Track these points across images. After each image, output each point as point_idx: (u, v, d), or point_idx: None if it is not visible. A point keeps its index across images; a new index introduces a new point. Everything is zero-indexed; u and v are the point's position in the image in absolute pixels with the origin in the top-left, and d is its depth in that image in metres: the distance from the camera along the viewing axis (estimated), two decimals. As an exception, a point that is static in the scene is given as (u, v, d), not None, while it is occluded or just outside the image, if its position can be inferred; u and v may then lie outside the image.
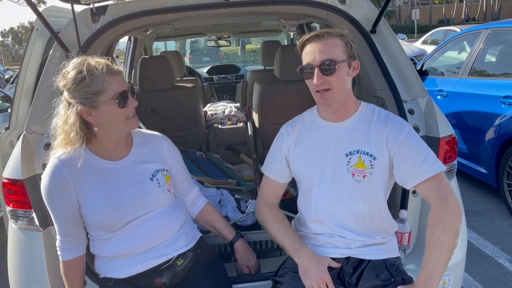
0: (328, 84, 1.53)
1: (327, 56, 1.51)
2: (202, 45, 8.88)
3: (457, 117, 4.45)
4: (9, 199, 1.80)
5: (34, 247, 1.80)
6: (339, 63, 1.52)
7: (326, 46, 1.53)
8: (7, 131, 2.36)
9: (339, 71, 1.52)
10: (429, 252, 1.44)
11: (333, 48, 1.53)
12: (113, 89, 1.46)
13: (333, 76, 1.52)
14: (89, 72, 1.43)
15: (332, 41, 1.54)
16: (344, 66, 1.54)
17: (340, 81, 1.54)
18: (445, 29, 13.53)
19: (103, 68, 1.45)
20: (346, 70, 1.55)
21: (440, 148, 1.91)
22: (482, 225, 3.74)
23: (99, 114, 1.48)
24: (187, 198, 1.86)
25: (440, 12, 40.79)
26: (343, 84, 1.55)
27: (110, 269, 1.62)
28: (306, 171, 1.67)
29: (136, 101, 1.54)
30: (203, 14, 2.14)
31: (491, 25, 4.66)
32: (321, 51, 1.53)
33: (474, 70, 4.46)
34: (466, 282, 2.89)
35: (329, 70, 1.51)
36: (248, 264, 1.86)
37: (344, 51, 1.54)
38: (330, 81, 1.52)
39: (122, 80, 1.52)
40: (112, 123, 1.51)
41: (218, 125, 3.60)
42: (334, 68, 1.51)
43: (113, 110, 1.48)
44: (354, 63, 1.57)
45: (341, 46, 1.54)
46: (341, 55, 1.53)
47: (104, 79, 1.45)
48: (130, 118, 1.53)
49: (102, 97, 1.45)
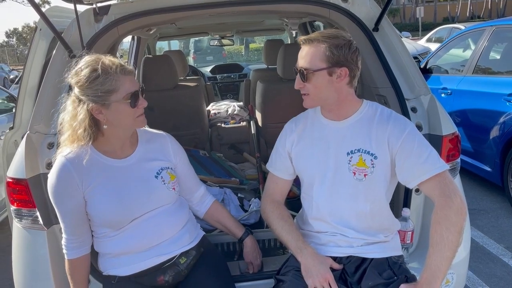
0: (306, 89, 1.58)
1: (305, 64, 1.55)
2: (205, 44, 8.90)
3: (461, 115, 4.43)
4: (13, 198, 1.81)
5: (38, 246, 1.81)
6: (312, 72, 1.53)
7: (308, 53, 1.55)
8: (12, 131, 2.38)
9: (315, 79, 1.54)
10: (432, 250, 1.43)
11: (312, 56, 1.53)
12: (126, 89, 1.48)
13: (309, 83, 1.55)
14: (104, 70, 1.45)
15: (314, 49, 1.53)
16: (321, 75, 1.53)
17: (316, 88, 1.55)
18: (449, 26, 13.48)
19: (117, 68, 1.47)
20: (326, 78, 1.53)
21: (443, 146, 1.91)
22: (486, 224, 3.73)
23: (109, 113, 1.49)
24: (194, 197, 1.87)
25: (445, 9, 40.58)
26: (322, 91, 1.55)
27: (114, 266, 1.63)
28: (308, 168, 1.68)
29: (145, 101, 1.56)
30: (205, 13, 2.14)
31: (495, 22, 4.64)
32: (303, 57, 1.56)
33: (478, 68, 4.44)
34: (470, 281, 2.89)
35: (305, 77, 1.55)
36: (254, 261, 1.87)
37: (324, 60, 1.51)
38: (307, 87, 1.56)
39: (134, 80, 1.54)
40: (121, 121, 1.53)
41: (221, 124, 3.60)
42: (309, 77, 1.54)
43: (124, 109, 1.50)
44: (339, 70, 1.52)
45: (321, 54, 1.51)
46: (319, 63, 1.52)
47: (118, 79, 1.47)
48: (139, 117, 1.55)
49: (115, 96, 1.47)
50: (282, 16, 3.50)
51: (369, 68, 2.11)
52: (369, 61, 2.08)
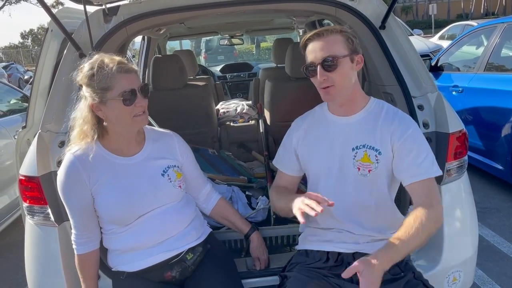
0: (331, 80, 1.56)
1: (328, 52, 1.54)
2: (216, 44, 8.92)
3: (472, 113, 4.38)
4: (26, 195, 1.85)
5: (50, 242, 1.85)
6: (340, 58, 1.54)
7: (326, 43, 1.55)
8: (24, 130, 2.43)
9: (341, 67, 1.54)
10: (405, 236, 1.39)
11: (333, 44, 1.55)
12: (121, 87, 1.50)
13: (336, 71, 1.54)
14: (99, 68, 1.49)
15: (332, 38, 1.56)
16: (346, 61, 1.55)
17: (343, 76, 1.56)
18: (462, 23, 13.31)
19: (114, 66, 1.49)
20: (349, 65, 1.57)
21: (450, 143, 1.90)
22: (497, 222, 3.69)
23: (107, 110, 1.53)
24: (201, 194, 1.89)
25: (458, 6, 40.09)
26: (347, 79, 1.57)
27: (122, 262, 1.66)
28: (313, 164, 1.69)
29: (145, 100, 1.57)
30: (213, 13, 2.16)
31: (507, 19, 4.57)
32: (322, 48, 1.55)
33: (490, 65, 4.39)
34: (480, 279, 2.86)
35: (332, 66, 1.54)
36: (261, 257, 1.90)
37: (345, 46, 1.56)
38: (333, 77, 1.55)
39: (133, 78, 1.54)
40: (118, 119, 1.56)
41: (230, 122, 3.62)
42: (336, 64, 1.54)
43: (119, 107, 1.52)
44: (357, 57, 1.59)
45: (341, 42, 1.56)
46: (342, 50, 1.55)
47: (113, 76, 1.49)
48: (138, 116, 1.56)
49: (110, 93, 1.50)
50: (289, 14, 3.50)
51: (376, 66, 2.11)
52: (376, 59, 2.08)
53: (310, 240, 1.73)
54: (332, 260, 1.64)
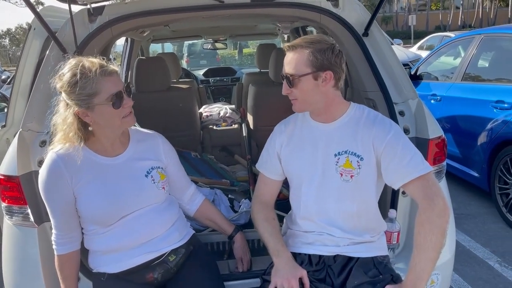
0: (294, 95, 1.61)
1: (290, 70, 1.58)
2: (199, 48, 8.91)
3: (450, 121, 4.49)
4: (5, 195, 1.82)
5: (29, 243, 1.82)
6: (300, 77, 1.56)
7: (292, 59, 1.58)
8: (4, 129, 2.39)
9: (301, 84, 1.57)
10: (417, 252, 1.46)
11: (297, 61, 1.56)
12: (108, 91, 1.48)
13: (297, 88, 1.58)
14: (83, 74, 1.45)
15: (298, 55, 1.56)
16: (307, 79, 1.56)
17: (303, 93, 1.58)
18: (440, 35, 13.67)
19: (96, 70, 1.47)
20: (312, 82, 1.56)
21: (429, 149, 1.95)
22: (473, 228, 3.78)
23: (95, 115, 1.51)
24: (185, 196, 1.89)
25: (437, 18, 41.07)
26: (309, 95, 1.59)
27: (103, 263, 1.64)
28: (296, 169, 1.70)
29: (131, 100, 1.57)
30: (198, 16, 2.17)
31: (484, 31, 4.72)
32: (288, 63, 1.59)
33: (467, 75, 4.51)
34: (456, 283, 2.93)
35: (292, 83, 1.58)
36: (244, 257, 1.90)
37: (308, 64, 1.54)
38: (295, 92, 1.60)
39: (117, 80, 1.53)
40: (108, 123, 1.54)
41: (213, 126, 3.62)
42: (295, 82, 1.57)
43: (108, 111, 1.50)
44: (324, 74, 1.55)
45: (305, 60, 1.55)
46: (304, 68, 1.55)
47: (98, 81, 1.46)
48: (126, 117, 1.56)
49: (97, 99, 1.48)
50: (274, 20, 3.54)
51: (359, 72, 2.15)
52: (359, 65, 2.12)
53: (291, 242, 1.74)
54: (314, 263, 1.66)
